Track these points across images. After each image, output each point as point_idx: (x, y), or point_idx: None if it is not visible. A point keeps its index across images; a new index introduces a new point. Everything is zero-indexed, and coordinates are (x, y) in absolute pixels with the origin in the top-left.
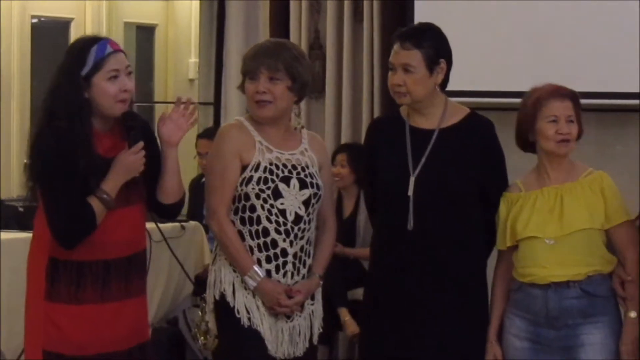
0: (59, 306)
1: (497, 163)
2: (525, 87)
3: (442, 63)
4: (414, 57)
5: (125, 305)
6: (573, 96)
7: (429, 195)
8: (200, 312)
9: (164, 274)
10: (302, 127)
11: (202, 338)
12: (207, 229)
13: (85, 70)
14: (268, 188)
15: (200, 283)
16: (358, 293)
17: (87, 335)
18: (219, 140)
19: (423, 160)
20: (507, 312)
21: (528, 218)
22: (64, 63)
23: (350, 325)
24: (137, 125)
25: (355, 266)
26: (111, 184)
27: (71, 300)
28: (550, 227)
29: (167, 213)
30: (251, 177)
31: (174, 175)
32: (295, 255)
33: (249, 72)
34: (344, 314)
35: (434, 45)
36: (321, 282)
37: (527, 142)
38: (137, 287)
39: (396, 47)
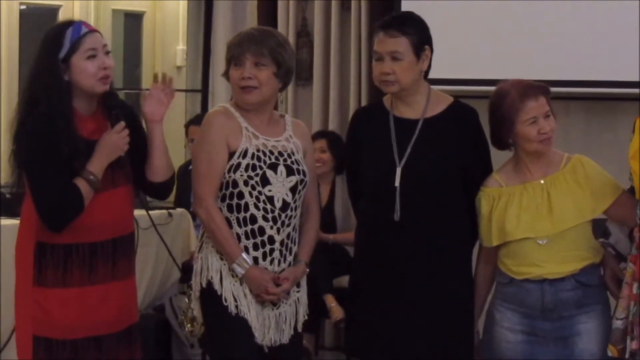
0: (47, 290)
1: (483, 151)
2: (509, 74)
3: (427, 49)
4: (401, 44)
5: (113, 288)
6: (544, 90)
7: (416, 185)
8: (187, 300)
9: (151, 261)
10: (284, 114)
11: (188, 325)
12: (194, 216)
13: (62, 53)
14: (256, 175)
15: (187, 270)
16: (344, 280)
17: (75, 318)
18: (205, 126)
19: (409, 150)
20: (495, 305)
21: (517, 217)
22: (41, 48)
23: (335, 311)
24: (117, 105)
25: (340, 253)
26: (96, 165)
27: (58, 284)
28: (541, 225)
29: (158, 192)
30: (239, 164)
31: (161, 152)
32: (282, 243)
33: (234, 58)
34: (330, 300)
35: (418, 32)
36: (307, 270)
37: (504, 143)
38: (125, 270)
39: (381, 35)
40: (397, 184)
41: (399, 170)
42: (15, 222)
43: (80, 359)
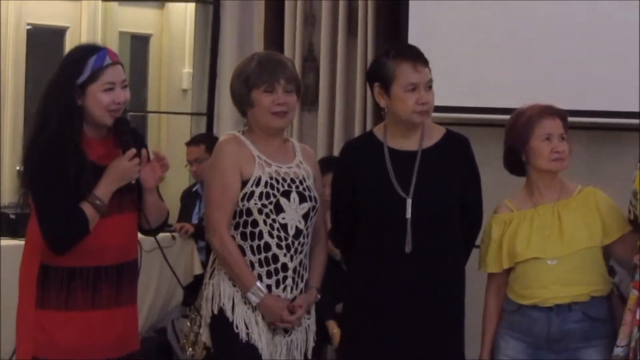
0: (49, 313)
1: (476, 178)
2: (514, 104)
3: None
4: (429, 74)
5: (116, 313)
6: (562, 114)
7: (427, 216)
8: (189, 323)
9: (154, 283)
10: (289, 138)
11: (190, 349)
12: (196, 239)
13: (81, 79)
14: (270, 203)
15: (189, 293)
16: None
17: (76, 341)
18: (218, 155)
19: (414, 181)
20: (501, 334)
21: (528, 238)
22: (61, 70)
23: (337, 337)
24: (128, 131)
25: (343, 276)
26: (103, 190)
27: (61, 307)
28: (551, 246)
29: (148, 233)
30: (253, 192)
31: (153, 211)
32: (294, 270)
33: (264, 84)
34: (332, 326)
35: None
36: (318, 296)
37: (516, 163)
38: (128, 296)
39: (413, 66)
40: (408, 215)
41: (409, 202)
42: (19, 243)
43: None
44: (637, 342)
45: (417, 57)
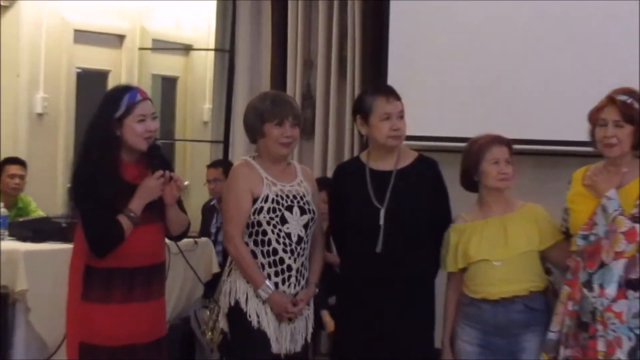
0: (93, 305)
1: (444, 195)
2: (472, 134)
3: None
4: (401, 106)
5: (147, 306)
6: (508, 143)
7: (396, 224)
8: (208, 312)
9: (179, 281)
10: (292, 161)
11: (209, 334)
12: (215, 244)
13: (118, 113)
14: (276, 216)
15: (208, 288)
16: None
17: (115, 329)
18: (232, 177)
19: (388, 195)
20: (458, 322)
21: (478, 244)
22: (101, 107)
23: (330, 324)
24: (158, 156)
25: (333, 275)
26: (136, 204)
27: (102, 300)
28: (497, 250)
29: (175, 239)
30: (262, 208)
31: (174, 222)
32: (297, 270)
33: (276, 118)
34: (325, 315)
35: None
36: (317, 290)
37: (470, 181)
38: (157, 291)
39: (387, 99)
40: (381, 222)
41: (382, 212)
42: (68, 246)
43: None
44: (569, 328)
45: (390, 93)
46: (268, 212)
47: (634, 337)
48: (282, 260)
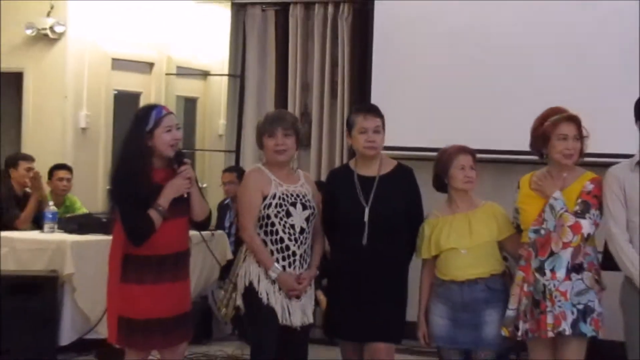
0: (129, 286)
1: (417, 197)
2: (439, 145)
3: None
4: (380, 123)
5: (174, 286)
6: (473, 152)
7: (378, 220)
8: (223, 292)
9: (198, 266)
10: (296, 168)
11: (224, 309)
12: (228, 236)
13: (149, 127)
14: (283, 210)
15: (223, 272)
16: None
17: (148, 305)
18: (246, 180)
19: (372, 196)
20: (431, 300)
21: (448, 235)
22: (134, 122)
23: (323, 302)
24: (183, 159)
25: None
26: (163, 199)
27: (137, 282)
28: (463, 241)
29: (200, 226)
30: (270, 204)
31: (196, 204)
32: (301, 255)
33: (267, 132)
34: (319, 294)
35: (383, 118)
36: (317, 272)
37: (441, 183)
38: (183, 274)
39: (364, 116)
40: (365, 219)
41: (367, 210)
42: (108, 238)
43: (150, 333)
44: (526, 306)
45: (368, 111)
46: (276, 207)
47: (577, 312)
48: (287, 247)
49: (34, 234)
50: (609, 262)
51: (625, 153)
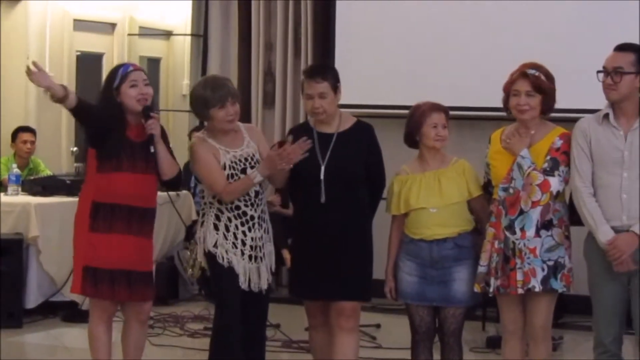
0: (97, 235)
1: (377, 154)
2: (406, 102)
3: (339, 87)
4: (325, 86)
5: (140, 241)
6: (446, 110)
7: (335, 178)
8: (189, 252)
9: (164, 226)
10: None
11: (190, 270)
12: (193, 196)
13: (115, 83)
14: (234, 179)
15: (189, 232)
16: None
17: (115, 255)
18: (195, 152)
19: (328, 154)
20: (400, 257)
21: (417, 194)
22: (105, 81)
23: (288, 261)
24: (149, 113)
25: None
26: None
27: (106, 230)
28: (433, 200)
29: (170, 185)
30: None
31: (164, 161)
32: (259, 217)
33: (217, 104)
34: (285, 253)
35: (334, 76)
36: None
37: (413, 140)
38: (147, 231)
39: (309, 83)
40: (322, 177)
41: (323, 168)
42: (73, 199)
43: (116, 284)
44: (497, 263)
45: (312, 75)
46: (228, 178)
47: (547, 268)
48: (245, 213)
49: None
50: (575, 216)
51: (598, 108)
